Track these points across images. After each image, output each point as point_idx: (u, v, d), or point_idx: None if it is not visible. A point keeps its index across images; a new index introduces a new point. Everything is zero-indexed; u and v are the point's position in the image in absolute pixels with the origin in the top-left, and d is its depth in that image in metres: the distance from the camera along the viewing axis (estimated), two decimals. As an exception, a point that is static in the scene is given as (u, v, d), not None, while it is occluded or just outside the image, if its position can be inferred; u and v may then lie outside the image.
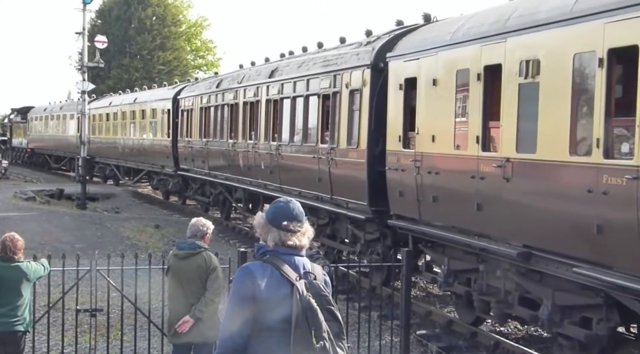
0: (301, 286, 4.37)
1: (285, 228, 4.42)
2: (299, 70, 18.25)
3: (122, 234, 22.69)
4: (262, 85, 20.51)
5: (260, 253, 4.49)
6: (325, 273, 4.63)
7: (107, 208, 30.74)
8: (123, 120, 36.82)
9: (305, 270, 4.45)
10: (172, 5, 61.27)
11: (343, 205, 15.96)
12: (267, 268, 4.39)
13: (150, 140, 32.92)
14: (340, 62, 16.00)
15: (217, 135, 24.57)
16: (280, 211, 4.48)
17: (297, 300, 4.32)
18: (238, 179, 22.66)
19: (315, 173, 16.85)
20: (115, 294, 9.62)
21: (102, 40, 34.07)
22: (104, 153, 40.27)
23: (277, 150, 19.00)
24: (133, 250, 16.41)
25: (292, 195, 18.64)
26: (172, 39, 59.96)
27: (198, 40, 63.95)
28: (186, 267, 7.88)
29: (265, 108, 20.15)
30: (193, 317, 7.78)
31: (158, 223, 25.22)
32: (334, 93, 16.10)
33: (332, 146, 15.98)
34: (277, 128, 19.30)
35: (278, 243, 4.45)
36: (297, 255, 4.46)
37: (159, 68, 58.72)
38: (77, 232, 22.37)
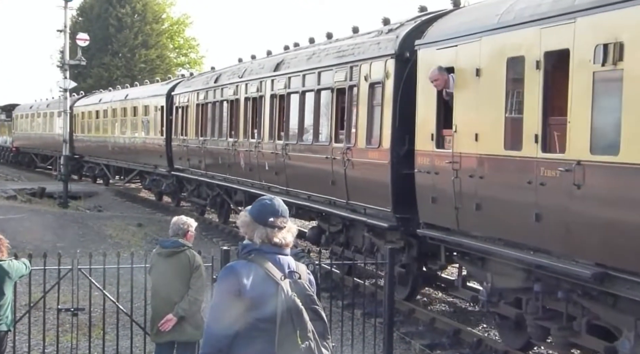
0: (286, 285, 4.38)
1: (272, 224, 4.46)
2: (308, 63, 16.61)
3: (105, 233, 22.46)
4: (266, 80, 18.86)
5: (246, 252, 4.49)
6: (309, 272, 4.66)
7: (90, 206, 30.23)
8: (113, 117, 35.08)
9: (290, 269, 4.48)
10: (153, 3, 60.53)
11: (360, 210, 14.35)
12: (252, 267, 4.40)
13: (143, 139, 31.24)
14: (358, 53, 14.38)
15: (215, 134, 22.91)
16: (265, 209, 4.51)
17: (282, 300, 4.33)
18: (238, 180, 21.02)
19: (328, 175, 15.23)
20: (97, 293, 9.54)
21: (84, 38, 33.46)
22: (93, 152, 38.54)
23: (284, 149, 17.37)
24: (115, 249, 16.19)
25: (300, 199, 17.04)
26: (154, 36, 59.22)
27: (181, 38, 63.57)
28: (169, 265, 7.82)
29: (270, 104, 18.50)
30: (176, 315, 7.74)
31: (141, 221, 24.84)
32: (350, 87, 14.48)
33: (349, 145, 14.36)
34: (284, 126, 17.66)
35: (265, 241, 4.46)
36: (282, 254, 4.49)
37: (141, 66, 57.96)
38: (59, 231, 22.09)
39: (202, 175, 24.33)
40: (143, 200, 33.21)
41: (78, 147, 40.76)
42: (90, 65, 48.18)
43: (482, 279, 10.99)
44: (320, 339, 4.45)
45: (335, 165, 14.92)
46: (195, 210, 27.60)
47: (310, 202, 16.60)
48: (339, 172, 14.73)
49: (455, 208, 10.86)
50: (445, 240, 11.42)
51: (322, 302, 4.90)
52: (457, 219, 10.90)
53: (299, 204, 17.32)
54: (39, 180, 40.54)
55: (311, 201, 16.56)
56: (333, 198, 15.25)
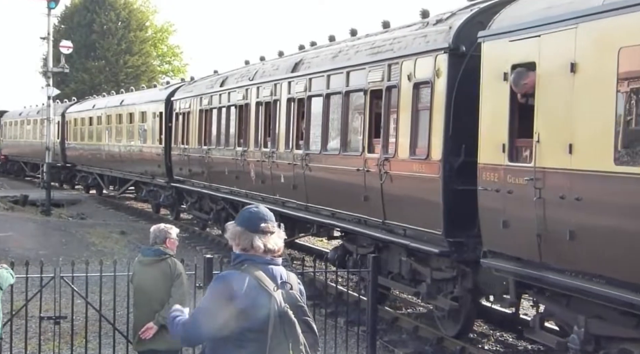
0: (279, 296, 4.38)
1: (264, 230, 4.48)
2: (334, 61, 14.49)
3: (88, 240, 22.13)
4: (282, 82, 16.73)
5: (238, 262, 4.48)
6: (300, 282, 4.63)
7: (73, 214, 29.65)
8: (108, 124, 32.85)
9: (282, 280, 4.46)
10: (137, 10, 60.23)
11: (399, 231, 12.23)
12: (244, 277, 4.38)
13: (139, 147, 29.04)
14: (398, 48, 12.26)
15: (221, 142, 20.73)
16: (255, 216, 4.53)
17: (275, 311, 4.32)
18: (247, 194, 18.85)
19: (359, 190, 13.10)
20: (80, 301, 9.43)
21: (67, 46, 33.30)
22: (86, 161, 36.29)
23: (304, 160, 15.22)
24: (98, 257, 15.80)
25: (323, 216, 14.94)
26: (137, 43, 58.81)
27: (164, 45, 63.57)
28: (151, 274, 7.71)
29: (287, 109, 16.36)
30: (157, 324, 7.63)
31: (124, 229, 24.56)
32: (388, 88, 12.37)
33: (387, 156, 12.23)
34: (304, 134, 15.52)
35: (259, 249, 4.46)
36: (274, 264, 4.50)
37: (127, 71, 57.25)
38: (42, 238, 21.80)
39: (206, 187, 22.15)
40: (126, 207, 32.43)
41: (70, 155, 38.55)
42: (72, 70, 47.56)
43: (569, 322, 8.86)
44: (311, 351, 4.45)
45: (369, 179, 12.80)
46: (196, 224, 25.45)
47: (335, 220, 14.48)
48: (374, 186, 12.61)
49: (537, 236, 8.72)
50: (520, 274, 9.28)
51: None
52: (538, 249, 8.76)
53: (321, 222, 15.21)
54: (24, 188, 39.16)
55: (336, 219, 14.44)
56: (365, 216, 13.13)
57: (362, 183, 12.98)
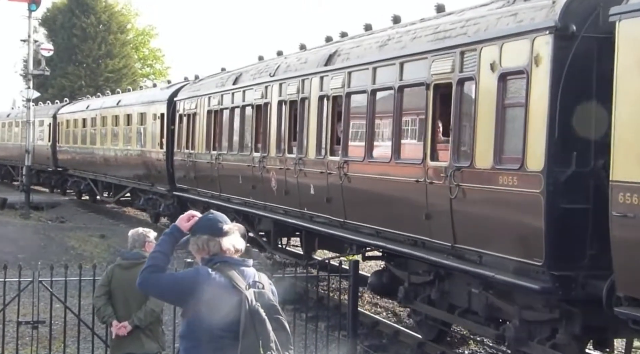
0: (250, 295, 4.45)
1: (228, 231, 4.59)
2: (382, 51, 12.00)
3: (67, 244, 22.14)
4: (311, 77, 14.22)
5: (211, 264, 4.52)
6: (271, 283, 4.70)
7: (52, 217, 29.30)
8: (103, 126, 30.25)
9: (254, 280, 4.55)
10: (118, 14, 59.63)
11: (472, 258, 9.75)
12: (216, 275, 4.45)
13: (138, 151, 26.48)
14: (475, 31, 9.77)
15: (234, 147, 18.19)
16: (215, 221, 4.62)
17: (246, 309, 4.40)
18: (266, 206, 16.35)
19: (418, 206, 10.62)
20: (59, 305, 9.54)
21: (48, 48, 33.21)
22: (79, 165, 33.68)
23: (341, 169, 12.72)
24: (77, 260, 15.37)
25: (364, 235, 12.49)
26: (118, 46, 58.19)
27: (146, 48, 63.40)
28: (129, 277, 7.12)
29: (318, 109, 13.87)
30: (131, 324, 7.54)
31: (103, 232, 24.43)
32: (460, 81, 9.89)
33: (459, 165, 9.76)
34: (342, 137, 13.03)
35: (229, 251, 4.56)
36: (246, 265, 4.60)
37: (107, 75, 56.50)
38: (20, 242, 21.69)
39: (214, 197, 19.61)
40: (106, 211, 31.73)
41: (62, 159, 35.95)
42: (53, 74, 47.09)
43: None
44: (283, 350, 4.48)
45: (433, 193, 10.32)
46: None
47: (381, 240, 12.01)
48: (440, 202, 10.12)
49: None
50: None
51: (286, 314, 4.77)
52: None
53: (363, 242, 12.74)
54: (4, 191, 37.71)
55: (382, 239, 11.97)
56: (425, 238, 10.65)
57: (423, 198, 10.50)
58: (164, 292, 4.67)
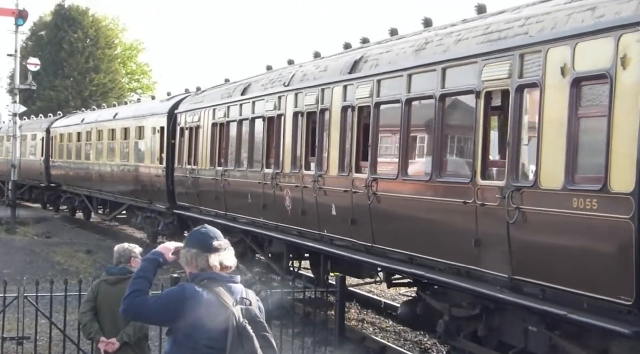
0: (237, 312, 4.43)
1: (217, 247, 4.54)
2: (419, 56, 10.59)
3: (53, 259, 21.89)
4: (333, 86, 12.83)
5: (199, 280, 4.50)
6: (258, 299, 4.68)
7: (38, 232, 28.80)
8: (99, 140, 28.78)
9: (241, 296, 4.53)
10: (106, 28, 59.65)
11: (534, 293, 8.32)
12: (203, 292, 4.44)
13: (135, 167, 25.02)
14: (538, 29, 8.35)
15: (242, 163, 16.77)
16: (206, 236, 4.60)
17: (233, 326, 4.37)
18: (278, 226, 14.91)
19: (464, 231, 9.21)
20: (44, 321, 9.49)
21: (35, 63, 32.91)
22: (73, 181, 32.13)
23: (369, 187, 11.30)
24: (63, 276, 15.07)
25: (394, 261, 11.09)
26: (105, 61, 58.10)
27: (133, 63, 63.37)
28: (116, 293, 7.17)
29: (341, 120, 12.43)
30: (120, 341, 7.47)
31: (90, 247, 24.13)
32: (520, 88, 8.48)
33: (519, 185, 8.34)
34: (369, 153, 11.60)
35: (216, 267, 4.51)
36: (233, 282, 4.56)
37: (92, 89, 56.24)
38: (6, 257, 21.50)
39: (219, 216, 18.13)
40: (93, 226, 31.07)
41: (55, 174, 34.43)
42: (40, 88, 46.53)
43: None
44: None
45: (484, 217, 8.90)
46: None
47: (413, 267, 10.60)
48: (495, 229, 8.70)
49: None
50: None
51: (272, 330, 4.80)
52: None
53: (395, 269, 11.33)
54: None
55: (417, 267, 10.55)
56: (474, 267, 9.24)
57: (472, 222, 9.09)
58: (152, 315, 4.60)
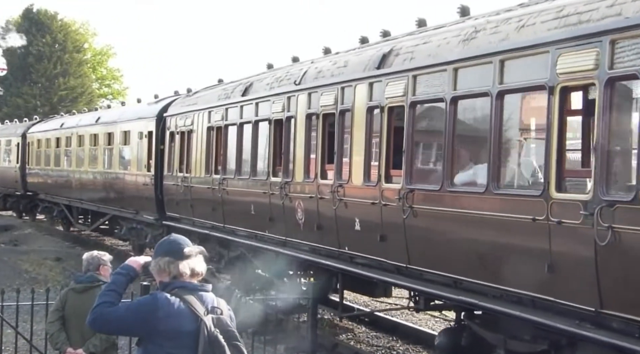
0: (209, 321, 4.44)
1: (188, 254, 4.57)
2: (467, 46, 9.04)
3: (20, 267, 21.44)
4: (355, 84, 11.24)
5: (170, 289, 4.51)
6: (230, 308, 4.68)
7: (5, 240, 27.97)
8: (79, 146, 26.97)
9: (212, 305, 4.54)
10: (75, 32, 58.88)
11: (622, 328, 6.84)
12: (174, 301, 4.44)
13: (120, 174, 23.28)
14: (638, 9, 6.88)
15: (243, 171, 15.12)
16: (176, 244, 4.62)
17: (204, 335, 4.38)
18: (287, 242, 13.31)
19: (532, 253, 7.71)
20: (10, 331, 9.32)
21: (1, 67, 33.35)
22: (52, 189, 30.27)
23: (404, 200, 9.73)
24: (31, 284, 15.00)
25: (431, 284, 9.55)
26: (74, 65, 57.18)
27: (104, 68, 62.91)
28: (84, 301, 7.10)
29: (367, 123, 10.86)
30: (86, 351, 7.38)
31: (59, 255, 23.36)
32: (612, 81, 6.95)
33: (612, 199, 6.83)
34: (404, 159, 10.00)
35: (186, 274, 4.53)
36: (204, 290, 4.58)
37: (62, 94, 55.17)
38: None
39: (216, 229, 16.52)
40: (62, 234, 29.84)
41: (32, 182, 32.61)
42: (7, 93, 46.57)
43: None
44: None
45: (559, 236, 7.38)
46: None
47: (462, 293, 9.06)
48: (578, 251, 7.19)
49: None
50: None
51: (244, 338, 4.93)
52: None
53: (434, 294, 9.75)
54: None
55: (464, 292, 9.01)
56: (546, 296, 7.69)
57: (544, 242, 7.55)
58: (122, 325, 4.56)
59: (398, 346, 12.88)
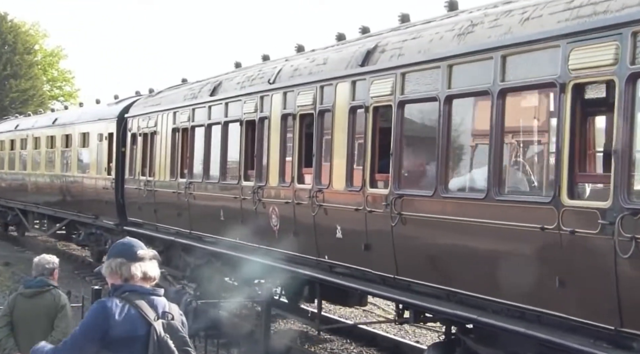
0: (159, 326, 4.39)
1: (142, 257, 4.50)
2: (463, 42, 8.32)
3: None
4: (336, 83, 10.50)
5: (120, 292, 4.45)
6: (182, 313, 4.64)
7: None
8: (35, 149, 25.91)
9: (163, 310, 4.48)
10: (25, 34, 57.31)
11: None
12: (125, 306, 4.38)
13: (79, 178, 22.31)
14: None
15: (211, 175, 14.29)
16: (128, 246, 4.57)
17: (154, 341, 4.33)
18: (259, 249, 12.51)
19: (541, 265, 7.04)
20: None
21: None
22: (5, 193, 29.13)
23: (392, 207, 9.02)
24: None
25: (421, 296, 8.85)
26: (24, 67, 55.55)
27: (55, 70, 62.03)
28: (33, 306, 7.44)
29: (348, 124, 10.10)
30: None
31: (8, 260, 23.04)
32: (634, 77, 6.33)
33: (635, 207, 6.20)
34: (391, 163, 9.27)
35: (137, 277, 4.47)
36: (156, 295, 4.51)
37: (12, 96, 53.59)
38: None
39: (181, 235, 15.64)
40: (11, 237, 29.27)
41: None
42: None
43: None
44: None
45: (573, 249, 6.70)
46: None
47: (454, 306, 8.37)
48: (595, 264, 6.55)
49: None
50: None
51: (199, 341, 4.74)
52: None
53: (426, 307, 9.06)
54: None
55: (455, 305, 8.33)
56: (554, 312, 7.02)
57: (555, 254, 6.88)
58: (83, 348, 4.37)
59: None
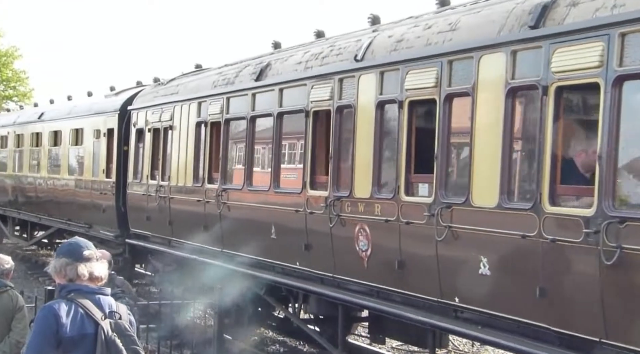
0: (106, 325, 5.71)
1: (88, 257, 5.84)
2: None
3: None
4: (482, 54, 10.20)
5: (65, 292, 5.77)
6: (130, 313, 6.02)
7: None
8: (18, 147, 29.47)
9: (110, 310, 5.82)
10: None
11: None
12: (71, 306, 5.69)
13: (70, 181, 25.52)
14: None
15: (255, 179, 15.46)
16: (76, 246, 5.94)
17: (102, 340, 5.64)
18: (357, 283, 12.67)
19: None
20: None
21: None
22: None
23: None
24: None
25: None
26: None
27: (9, 70, 70.60)
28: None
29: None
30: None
31: None
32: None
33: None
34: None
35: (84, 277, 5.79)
36: (102, 294, 5.88)
37: None
38: None
39: (208, 254, 16.70)
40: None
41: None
42: None
43: None
44: None
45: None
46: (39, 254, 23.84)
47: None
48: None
49: None
50: None
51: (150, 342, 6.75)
52: None
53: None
54: None
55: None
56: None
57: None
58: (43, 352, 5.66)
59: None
